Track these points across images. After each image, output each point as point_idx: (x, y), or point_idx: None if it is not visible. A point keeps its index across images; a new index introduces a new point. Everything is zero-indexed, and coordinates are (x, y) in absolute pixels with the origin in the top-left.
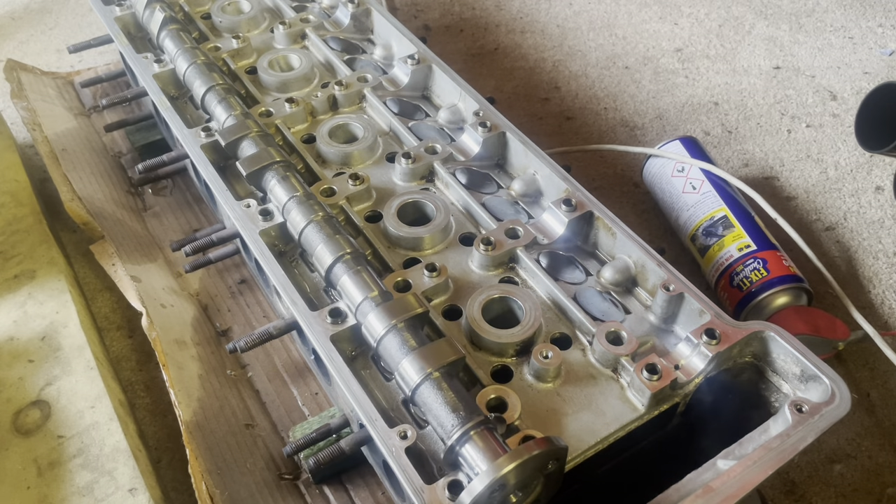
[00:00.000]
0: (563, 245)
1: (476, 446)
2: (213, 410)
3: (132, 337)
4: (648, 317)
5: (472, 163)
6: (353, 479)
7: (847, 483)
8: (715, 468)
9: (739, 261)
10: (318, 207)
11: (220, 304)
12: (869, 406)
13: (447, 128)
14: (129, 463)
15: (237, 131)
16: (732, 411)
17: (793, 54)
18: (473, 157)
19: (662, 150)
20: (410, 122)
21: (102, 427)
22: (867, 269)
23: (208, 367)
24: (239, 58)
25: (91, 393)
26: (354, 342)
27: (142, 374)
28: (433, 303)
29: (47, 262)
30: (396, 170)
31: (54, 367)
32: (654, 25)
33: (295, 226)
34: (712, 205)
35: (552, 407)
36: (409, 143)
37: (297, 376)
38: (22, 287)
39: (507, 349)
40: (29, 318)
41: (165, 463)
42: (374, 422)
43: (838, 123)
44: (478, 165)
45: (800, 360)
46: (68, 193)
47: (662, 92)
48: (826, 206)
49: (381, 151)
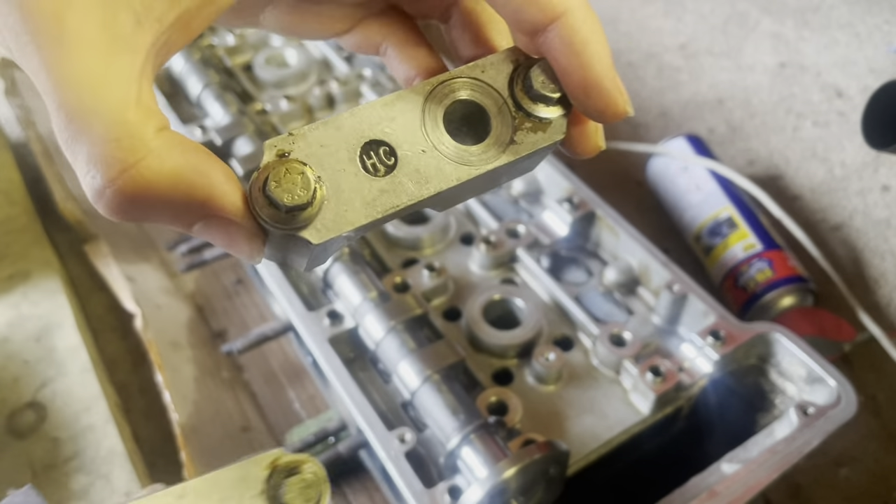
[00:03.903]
0: (564, 245)
1: (476, 450)
2: (209, 413)
3: (126, 338)
4: (652, 318)
5: None
6: (351, 483)
7: (853, 487)
8: (719, 472)
9: (745, 261)
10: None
11: (215, 305)
12: (875, 409)
13: None
14: (126, 466)
15: (233, 129)
16: (737, 414)
17: (798, 51)
18: None
19: (666, 148)
20: None
21: (98, 430)
22: (874, 269)
23: (203, 369)
24: (235, 54)
25: (86, 395)
26: (352, 344)
27: (136, 376)
28: (433, 304)
29: (41, 263)
30: None
31: (49, 369)
32: (657, 21)
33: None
34: (717, 204)
35: (554, 410)
36: None
37: (294, 379)
38: (16, 287)
39: (507, 351)
40: (23, 319)
41: (161, 466)
42: (372, 425)
43: (844, 121)
44: None
45: (805, 362)
46: (62, 192)
47: (666, 89)
48: (832, 205)
49: None
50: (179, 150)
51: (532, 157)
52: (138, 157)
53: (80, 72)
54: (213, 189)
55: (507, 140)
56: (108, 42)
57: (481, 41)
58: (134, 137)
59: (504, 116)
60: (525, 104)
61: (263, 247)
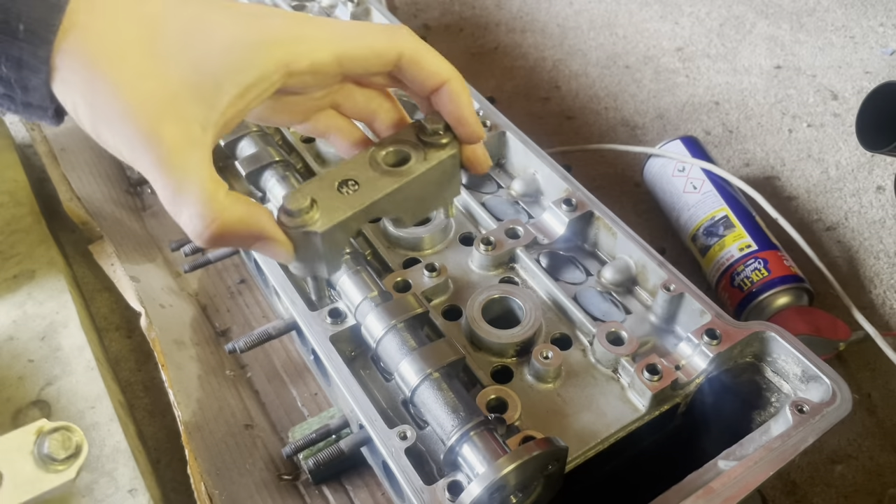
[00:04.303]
0: (563, 245)
1: (476, 447)
2: (212, 411)
3: (131, 337)
4: (649, 317)
5: None
6: (352, 480)
7: (848, 484)
8: (716, 469)
9: (740, 261)
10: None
11: (219, 305)
12: (870, 406)
13: None
14: (129, 464)
15: (236, 131)
16: (733, 412)
17: (794, 54)
18: None
19: (663, 150)
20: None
21: (102, 427)
22: (868, 269)
23: (207, 367)
24: None
25: (91, 393)
26: (354, 342)
27: (140, 374)
28: (433, 303)
29: (46, 262)
30: None
31: (54, 367)
32: (654, 24)
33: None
34: (713, 205)
35: (552, 407)
36: None
37: (296, 377)
38: (21, 287)
39: (507, 349)
40: (28, 318)
41: (164, 464)
42: (373, 422)
43: (839, 123)
44: None
45: (801, 361)
46: (67, 193)
47: (663, 91)
48: (827, 205)
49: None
50: (239, 203)
51: (441, 169)
52: (218, 213)
53: (176, 165)
54: (261, 224)
55: (422, 160)
56: (188, 145)
57: (397, 126)
58: (214, 201)
59: (417, 150)
60: (426, 138)
61: (293, 252)
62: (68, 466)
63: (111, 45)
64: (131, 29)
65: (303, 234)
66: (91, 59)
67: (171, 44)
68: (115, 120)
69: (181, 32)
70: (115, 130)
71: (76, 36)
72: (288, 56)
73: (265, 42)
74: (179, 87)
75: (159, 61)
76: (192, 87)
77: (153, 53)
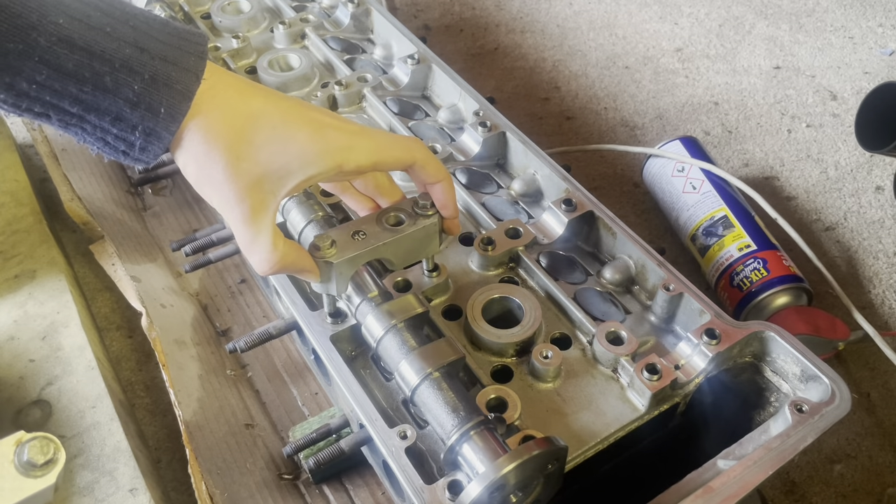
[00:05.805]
0: (563, 245)
1: (476, 446)
2: (213, 410)
3: (132, 337)
4: (648, 317)
5: (472, 163)
6: (352, 479)
7: (847, 483)
8: (715, 468)
9: (739, 261)
10: (318, 208)
11: (219, 304)
12: (869, 406)
13: (447, 128)
14: (130, 463)
15: None
16: (732, 411)
17: (793, 54)
18: (473, 157)
19: (662, 150)
20: (410, 121)
21: (103, 427)
22: (867, 268)
23: (208, 367)
24: (239, 57)
25: (92, 393)
26: (354, 342)
27: (141, 373)
28: (433, 303)
29: (47, 262)
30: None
31: (55, 367)
32: (654, 25)
33: (294, 225)
34: (712, 205)
35: (552, 407)
36: None
37: (296, 376)
38: (22, 287)
39: (506, 349)
40: (29, 318)
41: (165, 463)
42: (373, 422)
43: (838, 123)
44: (478, 165)
45: (800, 360)
46: (68, 193)
47: (662, 92)
48: (826, 205)
49: None
50: (291, 249)
51: (425, 232)
52: (278, 259)
53: (254, 222)
54: (304, 263)
55: (412, 224)
56: (263, 209)
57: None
58: (276, 250)
59: (410, 217)
60: (418, 210)
61: (320, 276)
62: (47, 472)
63: (224, 131)
64: (238, 121)
65: (324, 263)
66: (208, 138)
67: (263, 138)
68: (218, 184)
69: (272, 129)
70: (215, 190)
71: (199, 121)
72: (341, 160)
73: (328, 150)
74: (265, 170)
75: (253, 149)
76: (272, 171)
77: (251, 142)
